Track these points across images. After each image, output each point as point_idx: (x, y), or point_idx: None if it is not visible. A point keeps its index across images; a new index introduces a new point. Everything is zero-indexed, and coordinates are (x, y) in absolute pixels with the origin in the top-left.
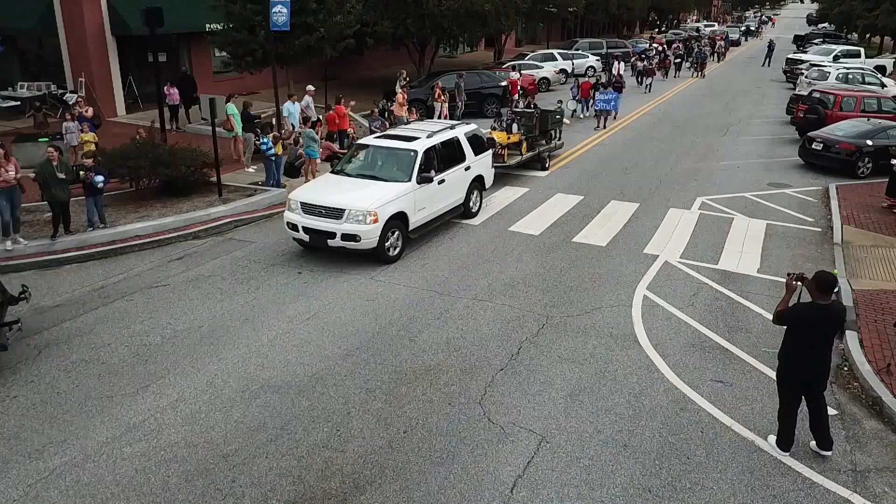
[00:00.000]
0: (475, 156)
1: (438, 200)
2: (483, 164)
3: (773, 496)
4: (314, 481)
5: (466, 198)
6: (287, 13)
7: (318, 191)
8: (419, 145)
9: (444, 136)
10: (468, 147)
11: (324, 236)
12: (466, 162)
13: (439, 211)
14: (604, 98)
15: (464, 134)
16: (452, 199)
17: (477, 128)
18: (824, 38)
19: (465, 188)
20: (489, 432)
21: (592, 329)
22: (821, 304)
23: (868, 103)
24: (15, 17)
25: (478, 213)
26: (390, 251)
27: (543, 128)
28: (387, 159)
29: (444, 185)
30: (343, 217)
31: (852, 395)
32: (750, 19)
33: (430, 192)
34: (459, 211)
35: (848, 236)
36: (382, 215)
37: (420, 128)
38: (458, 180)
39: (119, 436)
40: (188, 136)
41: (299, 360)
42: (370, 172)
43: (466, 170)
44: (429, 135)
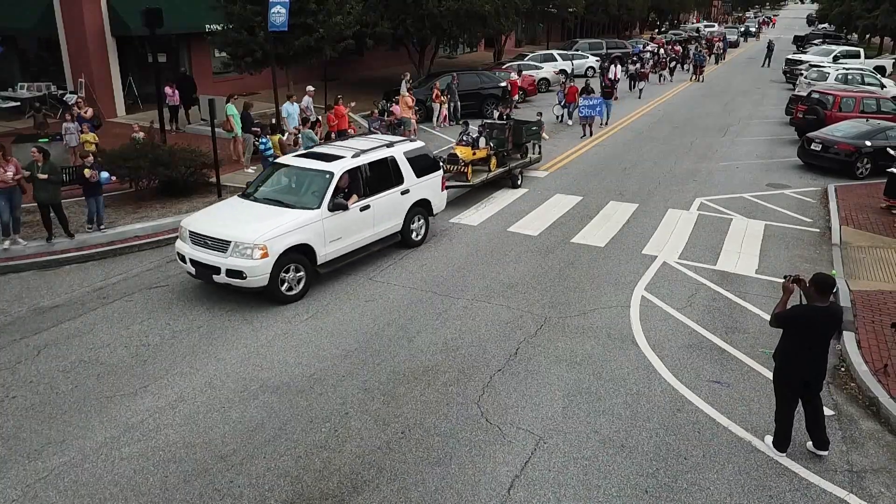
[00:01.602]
0: (417, 177)
1: (361, 229)
2: (429, 187)
3: (769, 497)
4: (312, 481)
5: (405, 225)
6: (286, 13)
7: (211, 218)
8: (337, 166)
9: (375, 156)
10: (407, 168)
11: (209, 270)
12: (404, 185)
13: (363, 241)
14: (588, 104)
15: (403, 153)
16: (383, 227)
17: (423, 146)
18: (824, 39)
19: (402, 214)
20: (487, 433)
21: (590, 330)
22: (819, 305)
23: (867, 104)
24: (15, 18)
25: (422, 243)
26: (287, 290)
27: (517, 141)
28: (300, 182)
29: (369, 211)
30: (228, 250)
31: (849, 396)
32: (750, 20)
33: (347, 219)
34: (396, 240)
35: (846, 237)
36: (274, 249)
37: (350, 145)
38: (391, 206)
39: (118, 436)
40: (188, 136)
41: (297, 361)
42: (279, 197)
43: (404, 193)
44: (355, 154)
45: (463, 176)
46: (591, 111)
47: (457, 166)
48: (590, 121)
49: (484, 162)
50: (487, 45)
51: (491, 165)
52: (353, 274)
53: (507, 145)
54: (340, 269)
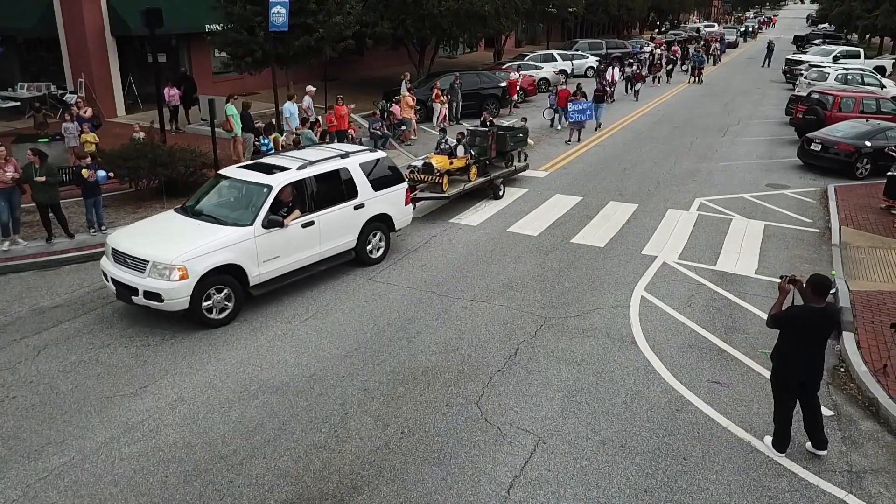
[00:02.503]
0: (375, 190)
1: (304, 247)
2: (389, 201)
3: (769, 497)
4: (312, 482)
5: (361, 242)
6: (286, 13)
7: (135, 234)
8: (277, 179)
9: (324, 168)
10: (363, 180)
11: (128, 291)
12: (358, 199)
13: (307, 260)
14: (577, 108)
15: (359, 164)
16: (332, 244)
17: (385, 156)
18: (824, 39)
19: (355, 231)
20: (486, 433)
21: (590, 330)
22: (815, 306)
23: (867, 104)
24: (15, 18)
25: (381, 260)
26: (213, 314)
27: (501, 149)
28: (238, 195)
29: (313, 228)
30: (146, 270)
31: (849, 396)
32: (750, 20)
33: (287, 237)
34: (349, 258)
35: (846, 237)
36: (195, 270)
37: (299, 156)
38: (342, 221)
39: (118, 436)
40: (188, 136)
41: (297, 361)
42: (213, 212)
43: (357, 208)
44: (301, 165)
45: (438, 187)
46: (581, 116)
47: (432, 176)
48: (578, 126)
49: (463, 172)
50: (487, 45)
51: (471, 175)
52: (353, 274)
53: (490, 154)
54: (339, 270)
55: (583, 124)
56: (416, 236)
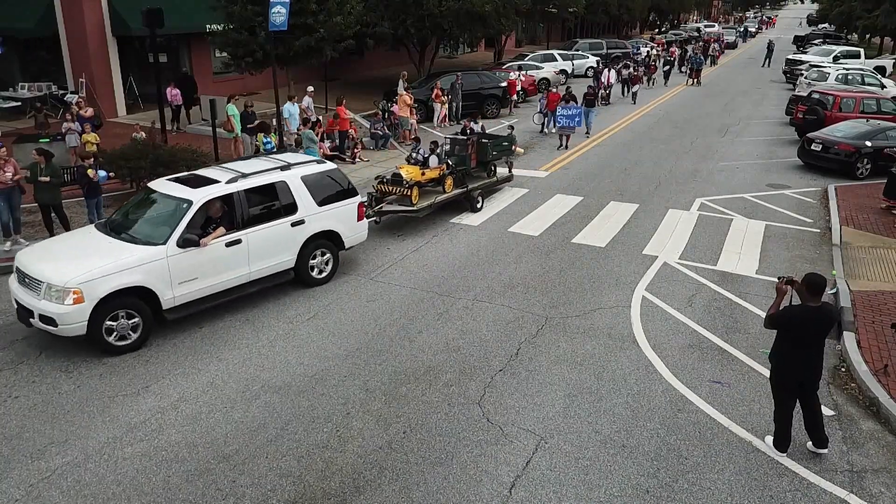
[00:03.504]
0: (320, 206)
1: (229, 268)
2: (337, 217)
3: (770, 497)
4: (314, 481)
5: (301, 261)
6: (286, 13)
7: (43, 252)
8: (200, 194)
9: (258, 181)
10: (304, 194)
11: (26, 313)
12: (298, 214)
13: (233, 281)
14: (566, 114)
15: (301, 177)
16: (264, 264)
17: (334, 168)
18: (824, 39)
19: (294, 249)
20: (488, 433)
21: (591, 330)
22: (811, 305)
23: (867, 104)
24: (15, 18)
25: (328, 281)
26: (117, 340)
27: (482, 159)
28: (159, 210)
29: (240, 246)
30: (41, 291)
31: (849, 396)
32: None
33: (207, 257)
34: (287, 278)
35: (846, 237)
36: (93, 293)
37: (235, 167)
38: (277, 239)
39: (120, 436)
40: (188, 136)
41: (299, 361)
42: (130, 228)
43: (297, 225)
44: (232, 179)
45: (408, 199)
46: (570, 121)
47: (400, 188)
48: (568, 131)
49: (437, 183)
50: (488, 45)
51: (446, 186)
52: (354, 274)
53: (470, 164)
54: (340, 270)
55: (572, 129)
56: (417, 236)
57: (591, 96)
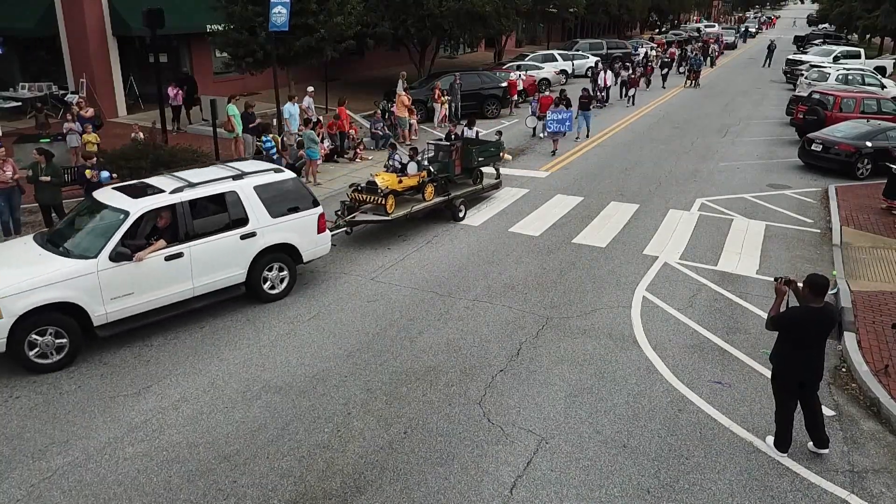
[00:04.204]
0: (274, 217)
1: (170, 283)
2: (294, 229)
3: (771, 497)
4: (315, 482)
5: (253, 276)
6: (287, 14)
7: None
8: (139, 205)
9: (206, 191)
10: (257, 205)
11: None
12: (249, 226)
13: (176, 297)
14: (557, 118)
15: (253, 187)
16: (210, 278)
17: (292, 178)
18: (824, 39)
19: (244, 263)
20: (489, 433)
21: (592, 330)
22: (813, 306)
23: (867, 104)
24: (16, 18)
25: (284, 296)
26: (40, 357)
27: (467, 165)
28: (97, 221)
29: (182, 260)
30: None
31: (850, 396)
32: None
33: (145, 271)
34: (238, 292)
35: (847, 237)
36: (12, 309)
37: (184, 176)
38: (224, 252)
39: (121, 436)
40: (189, 136)
41: (300, 361)
42: (65, 239)
43: (247, 237)
44: (177, 188)
45: (381, 208)
46: (560, 126)
47: (375, 196)
48: (559, 136)
49: (417, 191)
50: (488, 46)
51: (426, 194)
52: (355, 274)
53: (453, 170)
54: (342, 270)
55: (562, 134)
56: (418, 237)
57: (585, 99)
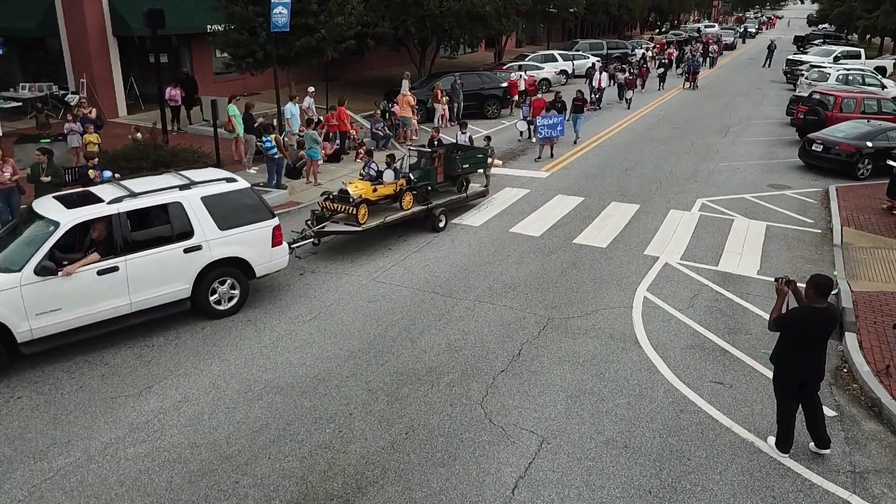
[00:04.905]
0: (223, 229)
1: (104, 298)
2: (245, 242)
3: (772, 497)
4: (317, 482)
5: (200, 291)
6: (287, 14)
7: None
8: (71, 216)
9: (146, 202)
10: (204, 217)
11: None
12: (194, 239)
13: (111, 312)
14: (547, 123)
15: (201, 197)
16: (150, 294)
17: (245, 187)
18: (824, 39)
19: (189, 277)
20: (490, 433)
21: (593, 330)
22: (817, 307)
23: (868, 105)
24: (16, 18)
25: (235, 311)
26: None
27: (450, 173)
28: (31, 232)
29: (118, 274)
30: None
31: (851, 397)
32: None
33: (74, 286)
34: (183, 307)
35: (848, 238)
36: None
37: (128, 186)
38: (166, 266)
39: (123, 437)
40: (189, 136)
41: (301, 362)
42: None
43: (190, 251)
44: (116, 198)
45: (352, 218)
46: (551, 131)
47: (347, 206)
48: (548, 142)
49: (394, 199)
50: (488, 46)
51: (404, 203)
52: (356, 274)
53: (436, 178)
54: (342, 270)
55: (554, 140)
56: (419, 237)
57: (579, 102)
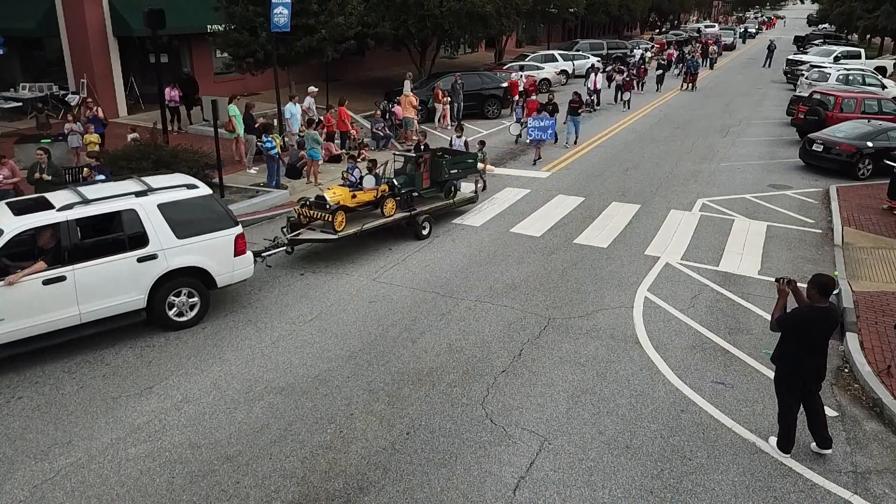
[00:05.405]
0: (180, 238)
1: (50, 309)
2: (204, 251)
3: (774, 497)
4: (318, 482)
5: (156, 301)
6: (288, 14)
7: None
8: (15, 224)
9: (98, 209)
10: (160, 225)
11: None
12: (149, 248)
13: (58, 324)
14: (538, 126)
15: (157, 205)
16: (100, 304)
17: (206, 194)
18: (824, 39)
19: (143, 287)
20: (492, 434)
21: (594, 331)
22: (820, 306)
23: (868, 105)
24: (16, 18)
25: (195, 323)
26: None
27: (436, 178)
28: None
29: (65, 284)
30: None
31: (853, 397)
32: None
33: (16, 296)
34: (138, 318)
35: (848, 238)
36: None
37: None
38: (118, 276)
39: (124, 437)
40: (189, 137)
41: (302, 362)
42: None
43: (144, 260)
44: (66, 205)
45: (329, 225)
46: (542, 134)
47: (323, 212)
48: (540, 144)
49: (375, 206)
50: (488, 46)
51: (386, 210)
52: (356, 275)
53: (422, 184)
54: (343, 271)
55: (545, 143)
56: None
57: (575, 104)
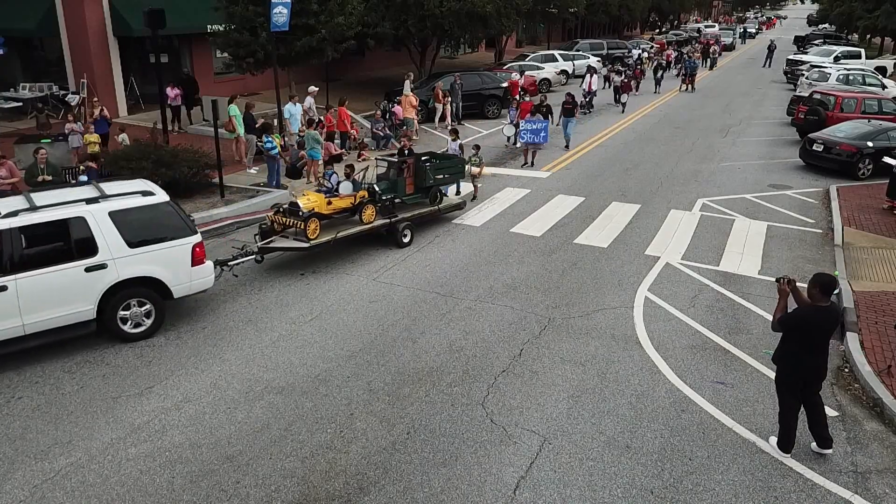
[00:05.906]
0: (133, 247)
1: None
2: (159, 260)
3: (774, 497)
4: (318, 482)
5: (106, 312)
6: (287, 14)
7: None
8: None
9: (43, 216)
10: (110, 233)
11: None
12: (98, 257)
13: (4, 334)
14: (531, 128)
15: (108, 212)
16: (45, 315)
17: (164, 202)
18: (825, 39)
19: (92, 298)
20: (492, 433)
21: (594, 330)
22: (821, 306)
23: (869, 104)
24: (16, 18)
25: (150, 335)
26: None
27: (420, 184)
28: None
29: (6, 294)
30: None
31: (853, 397)
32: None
33: None
34: (87, 330)
35: (848, 238)
36: None
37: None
38: (64, 286)
39: (124, 437)
40: (189, 137)
41: (302, 362)
42: None
43: (93, 269)
44: (11, 213)
45: (302, 234)
46: (535, 137)
47: (297, 220)
48: (534, 147)
49: (352, 213)
50: (488, 46)
51: (365, 216)
52: (357, 274)
53: (404, 190)
54: (343, 270)
55: (539, 146)
56: (419, 237)
57: (569, 105)
